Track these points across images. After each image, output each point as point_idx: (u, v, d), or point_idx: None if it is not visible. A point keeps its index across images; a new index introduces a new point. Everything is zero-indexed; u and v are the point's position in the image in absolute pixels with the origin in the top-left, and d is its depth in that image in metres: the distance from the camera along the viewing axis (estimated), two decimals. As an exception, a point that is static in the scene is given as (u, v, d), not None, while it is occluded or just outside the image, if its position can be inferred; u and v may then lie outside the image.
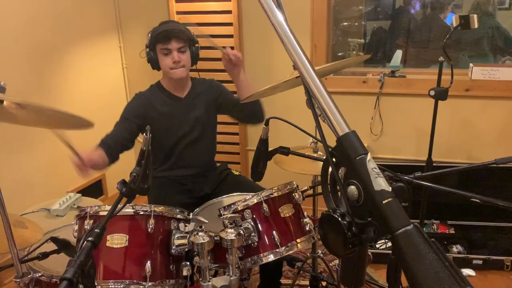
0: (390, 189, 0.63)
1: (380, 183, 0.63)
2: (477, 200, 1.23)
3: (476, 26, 2.11)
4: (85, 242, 0.94)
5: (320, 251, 2.05)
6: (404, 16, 4.56)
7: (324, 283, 2.04)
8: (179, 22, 2.16)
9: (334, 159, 0.69)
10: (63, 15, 2.85)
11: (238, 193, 1.95)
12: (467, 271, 2.43)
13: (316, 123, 0.73)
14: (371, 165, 0.65)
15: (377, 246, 2.63)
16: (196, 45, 2.12)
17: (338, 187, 0.71)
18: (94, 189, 3.15)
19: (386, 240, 2.68)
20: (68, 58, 2.92)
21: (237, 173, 2.31)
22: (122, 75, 3.44)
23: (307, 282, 2.29)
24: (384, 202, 0.62)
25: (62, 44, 2.87)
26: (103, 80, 3.25)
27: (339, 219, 0.66)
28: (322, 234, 0.69)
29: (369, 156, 0.65)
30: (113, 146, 2.02)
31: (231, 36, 3.08)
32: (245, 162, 3.34)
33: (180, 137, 2.17)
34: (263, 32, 3.05)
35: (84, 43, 3.06)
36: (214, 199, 1.92)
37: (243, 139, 3.29)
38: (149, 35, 2.07)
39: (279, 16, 0.76)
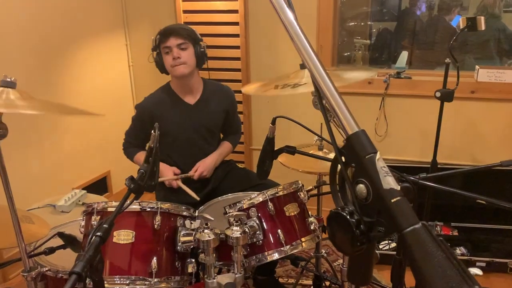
0: (399, 188, 0.64)
1: (389, 181, 0.64)
2: (483, 202, 1.23)
3: (483, 28, 2.11)
4: (94, 237, 0.95)
5: (323, 251, 2.05)
6: (410, 18, 4.56)
7: (327, 283, 2.04)
8: (184, 24, 2.16)
9: (343, 158, 0.70)
10: (70, 12, 2.86)
11: (243, 192, 1.97)
12: (474, 270, 2.43)
13: (325, 122, 0.74)
14: (380, 164, 0.65)
15: (380, 247, 2.63)
16: (201, 43, 2.10)
17: (346, 186, 0.72)
18: (99, 186, 3.16)
19: (390, 241, 2.68)
20: (75, 55, 2.94)
21: (241, 166, 2.32)
22: (128, 73, 3.46)
23: (310, 282, 2.30)
24: (392, 200, 0.63)
25: (69, 42, 2.88)
26: (109, 78, 3.27)
27: (348, 217, 0.67)
28: (330, 232, 0.70)
29: (378, 155, 0.66)
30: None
31: (237, 35, 3.09)
32: (249, 161, 3.35)
33: (190, 144, 2.18)
34: (269, 31, 3.06)
35: (91, 40, 3.07)
36: (219, 197, 1.93)
37: (248, 138, 3.30)
38: (154, 38, 2.08)
39: (290, 15, 0.76)
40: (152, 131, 1.15)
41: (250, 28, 3.09)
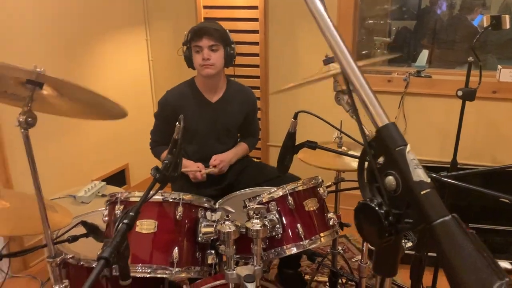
0: (429, 180, 0.64)
1: (419, 174, 0.64)
2: (507, 200, 1.22)
3: (507, 26, 2.07)
4: (121, 224, 0.97)
5: (340, 248, 2.06)
6: (430, 17, 4.51)
7: (343, 280, 2.05)
8: (217, 22, 2.16)
9: (372, 150, 0.70)
10: (92, 7, 2.90)
11: (261, 187, 1.98)
12: (504, 264, 2.40)
13: (355, 114, 0.74)
14: (411, 156, 0.65)
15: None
16: (232, 45, 2.13)
17: (374, 178, 0.72)
18: (117, 179, 3.21)
19: (406, 241, 2.66)
20: (96, 50, 2.98)
21: (257, 160, 2.34)
22: (148, 68, 3.50)
23: (325, 278, 2.30)
24: (422, 192, 0.63)
25: (90, 37, 2.93)
26: (129, 72, 3.31)
27: (376, 208, 0.67)
28: (357, 223, 0.70)
29: (408, 148, 0.66)
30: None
31: (256, 31, 3.10)
32: (266, 157, 3.36)
33: (206, 140, 2.21)
34: (289, 28, 3.06)
35: (112, 35, 3.11)
36: (237, 192, 1.95)
37: (265, 134, 3.31)
38: (186, 33, 2.10)
39: (320, 6, 0.76)
40: (177, 123, 1.17)
41: (270, 24, 3.10)
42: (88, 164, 2.99)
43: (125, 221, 0.97)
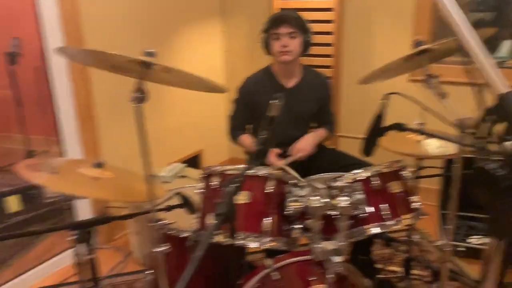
0: (552, 145, 0.66)
1: (541, 138, 0.67)
2: None
3: None
4: (230, 187, 1.06)
5: (417, 236, 2.05)
6: (510, 8, 4.29)
7: (419, 268, 2.04)
8: (296, 11, 2.21)
9: (492, 116, 0.73)
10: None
11: (337, 173, 2.01)
12: None
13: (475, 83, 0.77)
14: (533, 121, 0.68)
15: (471, 241, 2.55)
16: (309, 33, 2.18)
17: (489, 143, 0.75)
18: (191, 163, 3.37)
19: (481, 236, 2.59)
20: (175, 40, 3.15)
21: (330, 146, 2.37)
22: (223, 58, 3.63)
23: (398, 268, 2.30)
24: (544, 156, 0.66)
25: (169, 26, 3.10)
26: (204, 63, 3.47)
27: (494, 171, 0.71)
28: (472, 187, 0.74)
29: (531, 114, 0.69)
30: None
31: (330, 21, 3.12)
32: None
33: (282, 126, 2.26)
34: (364, 18, 3.06)
35: (189, 26, 3.27)
36: (312, 176, 2.00)
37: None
38: (266, 21, 2.18)
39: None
40: (274, 101, 1.25)
41: (345, 15, 3.11)
42: (167, 147, 3.17)
43: (235, 184, 1.06)
